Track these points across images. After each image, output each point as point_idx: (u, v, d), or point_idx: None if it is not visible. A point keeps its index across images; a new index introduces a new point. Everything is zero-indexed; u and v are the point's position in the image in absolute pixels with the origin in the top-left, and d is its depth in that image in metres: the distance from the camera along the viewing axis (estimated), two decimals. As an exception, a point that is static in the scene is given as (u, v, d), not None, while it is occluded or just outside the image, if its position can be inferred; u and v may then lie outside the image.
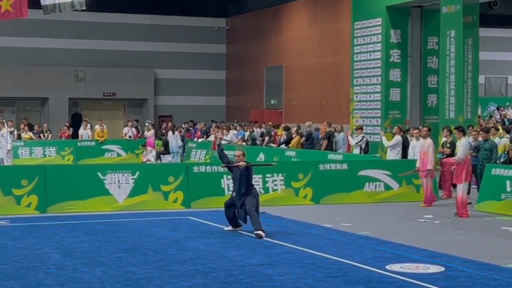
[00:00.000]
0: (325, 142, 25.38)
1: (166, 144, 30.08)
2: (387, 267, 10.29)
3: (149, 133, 30.42)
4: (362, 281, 9.46)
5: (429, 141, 18.03)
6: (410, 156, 20.32)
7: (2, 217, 15.32)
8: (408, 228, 14.36)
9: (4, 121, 26.91)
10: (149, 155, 29.36)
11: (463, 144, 16.39)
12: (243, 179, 13.43)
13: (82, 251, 11.60)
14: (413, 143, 19.98)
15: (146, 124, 31.88)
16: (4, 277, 9.67)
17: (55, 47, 40.45)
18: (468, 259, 11.01)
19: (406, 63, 28.38)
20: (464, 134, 16.95)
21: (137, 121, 36.30)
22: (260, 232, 12.90)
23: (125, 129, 33.34)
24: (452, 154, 19.56)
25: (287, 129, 28.42)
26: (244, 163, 13.56)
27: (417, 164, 18.25)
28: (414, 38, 28.59)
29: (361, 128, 24.76)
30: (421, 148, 18.15)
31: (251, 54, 41.03)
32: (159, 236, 13.19)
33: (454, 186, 20.05)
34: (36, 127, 33.52)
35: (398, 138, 21.75)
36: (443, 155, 19.60)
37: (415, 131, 20.03)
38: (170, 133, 31.20)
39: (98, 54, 41.24)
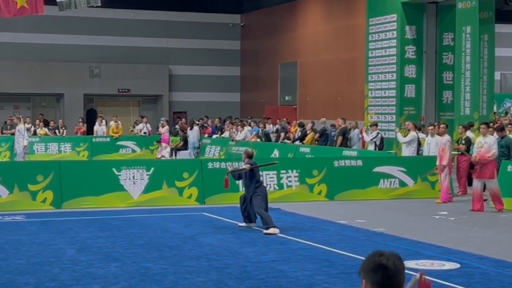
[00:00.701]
0: (340, 138, 25.33)
1: (185, 140, 30.15)
2: (402, 263, 10.23)
3: (164, 130, 30.46)
4: (377, 278, 9.41)
5: (447, 137, 17.97)
6: (425, 153, 20.23)
7: (17, 212, 15.40)
8: (423, 225, 14.31)
9: (21, 117, 27.07)
10: (164, 151, 29.41)
11: (494, 140, 16.44)
12: (248, 178, 13.60)
13: (97, 247, 11.63)
14: (428, 139, 19.89)
15: (161, 121, 31.94)
16: (19, 272, 9.71)
17: (70, 44, 40.57)
18: (483, 256, 10.96)
19: (421, 59, 28.28)
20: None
21: (141, 116, 36.26)
22: (272, 229, 12.86)
23: (140, 125, 33.41)
24: (467, 150, 19.50)
25: (301, 125, 28.39)
26: (248, 165, 13.63)
27: (437, 162, 18.04)
28: (430, 34, 28.47)
29: (376, 125, 24.70)
30: (439, 145, 18.01)
31: (265, 51, 41.00)
32: (174, 232, 13.21)
33: (470, 183, 19.99)
34: (51, 123, 33.64)
35: (413, 134, 21.66)
36: (458, 151, 19.52)
37: (431, 127, 19.94)
38: (189, 129, 31.38)
39: (113, 50, 41.33)
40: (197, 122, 33.94)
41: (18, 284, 9.05)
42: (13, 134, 29.03)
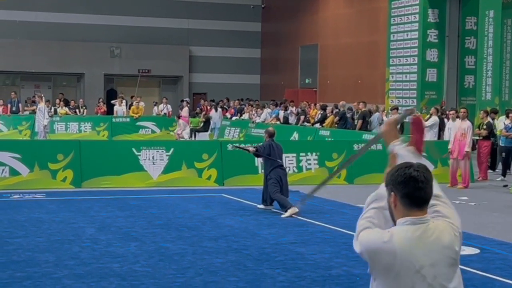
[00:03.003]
0: (360, 122, 25.24)
1: (206, 122, 30.16)
2: (421, 248, 10.20)
3: (183, 111, 30.53)
4: (396, 262, 9.39)
5: (468, 123, 17.80)
6: (446, 137, 20.11)
7: (37, 191, 15.50)
8: (443, 210, 14.21)
9: (42, 95, 27.17)
10: (184, 133, 29.43)
11: None
12: (263, 160, 13.82)
13: (116, 226, 11.68)
14: (450, 124, 19.76)
15: (184, 101, 32.00)
16: (40, 250, 9.78)
17: (91, 23, 40.63)
18: (503, 242, 10.91)
19: (444, 43, 28.06)
20: None
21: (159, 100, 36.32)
22: (290, 211, 12.82)
23: (161, 106, 33.47)
24: (488, 136, 19.37)
25: (324, 108, 28.29)
26: (253, 149, 13.81)
27: (450, 146, 17.88)
28: (452, 18, 28.22)
29: (397, 109, 24.57)
30: (458, 129, 17.84)
31: (286, 33, 40.84)
32: (193, 212, 13.24)
33: (491, 167, 19.89)
34: (72, 103, 33.78)
35: (435, 118, 21.54)
36: (479, 136, 19.39)
37: (452, 112, 19.80)
38: (213, 110, 31.41)
39: (133, 30, 41.35)
40: (216, 104, 33.98)
41: (38, 262, 9.12)
42: (33, 111, 29.19)
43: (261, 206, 13.73)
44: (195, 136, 30.18)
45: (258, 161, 17.38)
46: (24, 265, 8.93)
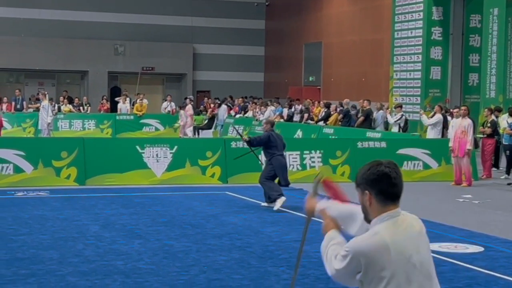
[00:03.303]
0: (362, 118, 25.26)
1: (211, 120, 30.16)
2: (425, 246, 10.20)
3: (187, 108, 30.53)
4: (400, 260, 9.40)
5: (468, 120, 17.75)
6: (449, 135, 20.06)
7: (41, 188, 15.51)
8: (447, 208, 14.24)
9: (46, 93, 27.19)
10: (187, 130, 29.44)
11: None
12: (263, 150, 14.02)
13: (120, 224, 11.69)
14: (453, 122, 19.72)
15: (187, 99, 32.01)
16: (44, 247, 9.79)
17: (95, 21, 40.68)
18: (507, 240, 10.89)
19: (448, 41, 28.03)
20: None
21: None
22: (278, 202, 13.05)
23: (164, 104, 33.47)
24: (492, 134, 19.35)
25: (328, 106, 28.29)
26: (247, 138, 14.33)
27: (451, 144, 17.84)
28: (457, 15, 28.19)
29: (401, 107, 24.55)
30: (458, 127, 17.78)
31: (290, 30, 40.84)
32: (197, 210, 13.25)
33: (495, 166, 19.87)
34: (75, 100, 33.80)
35: (439, 116, 21.48)
36: (483, 134, 19.36)
37: (455, 110, 19.76)
38: (220, 107, 31.58)
39: (137, 28, 41.38)
40: (220, 102, 34.00)
41: (42, 259, 9.13)
42: (37, 109, 29.20)
43: (265, 204, 13.74)
44: (198, 134, 30.19)
45: (262, 159, 17.38)
46: (28, 262, 8.94)
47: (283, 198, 13.03)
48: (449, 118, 21.54)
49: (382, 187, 3.54)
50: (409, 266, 3.54)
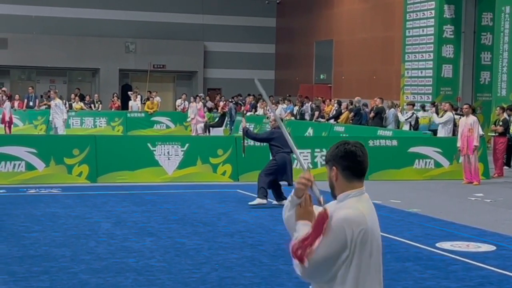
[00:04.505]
0: (372, 114, 25.29)
1: (223, 116, 30.14)
2: (437, 244, 10.20)
3: (198, 106, 30.57)
4: (411, 258, 9.39)
5: (473, 117, 17.72)
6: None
7: (53, 185, 15.57)
8: (459, 206, 14.20)
9: (57, 91, 27.29)
10: (198, 126, 29.47)
11: None
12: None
13: (132, 221, 11.72)
14: (461, 121, 19.65)
15: (198, 97, 32.03)
16: (56, 245, 9.82)
17: (106, 18, 40.74)
18: (520, 239, 10.86)
19: (460, 39, 27.96)
20: None
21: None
22: (256, 200, 13.15)
23: (178, 101, 33.51)
24: (504, 132, 19.28)
25: (340, 103, 28.27)
26: (246, 126, 14.54)
27: (459, 144, 17.77)
28: (468, 13, 28.11)
29: (413, 105, 24.49)
30: (465, 126, 17.71)
31: (301, 28, 40.79)
32: (208, 208, 13.26)
33: (507, 164, 19.80)
34: (87, 98, 33.88)
35: (449, 115, 21.44)
36: (495, 133, 19.30)
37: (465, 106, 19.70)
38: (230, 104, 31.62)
39: (148, 26, 41.43)
40: (230, 100, 33.99)
41: (54, 256, 9.16)
42: (48, 106, 29.28)
43: (275, 202, 13.73)
44: (209, 131, 30.22)
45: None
46: (41, 260, 8.97)
47: (263, 202, 13.12)
48: (456, 116, 21.40)
49: (349, 163, 3.80)
50: (379, 242, 3.81)
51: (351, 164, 3.80)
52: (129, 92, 34.33)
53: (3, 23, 38.89)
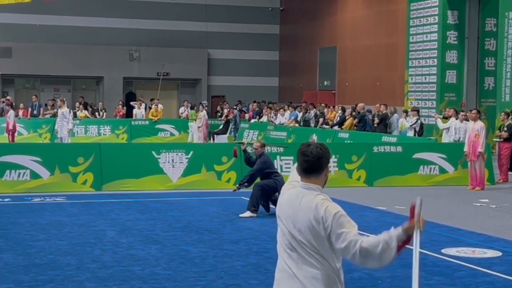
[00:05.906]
0: (377, 120, 25.31)
1: (227, 124, 30.14)
2: (443, 251, 10.18)
3: (201, 114, 30.56)
4: (417, 265, 9.36)
5: (480, 123, 17.71)
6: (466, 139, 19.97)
7: (58, 194, 15.58)
8: (464, 212, 14.18)
9: (64, 99, 27.28)
10: (200, 134, 29.43)
11: None
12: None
13: (137, 229, 11.72)
14: (469, 126, 19.62)
15: (201, 105, 32.05)
16: (61, 253, 9.83)
17: (110, 27, 40.83)
18: (525, 245, 10.83)
19: (463, 45, 27.95)
20: None
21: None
22: (246, 213, 13.12)
23: (181, 109, 33.53)
24: (509, 138, 19.25)
25: (344, 110, 28.27)
26: (245, 145, 14.46)
27: (465, 148, 17.76)
28: (472, 19, 28.10)
29: (417, 111, 24.48)
30: (471, 131, 17.71)
31: (304, 35, 40.82)
32: (213, 215, 13.26)
33: (511, 170, 19.75)
34: (89, 107, 33.90)
35: (453, 120, 21.41)
36: (500, 138, 19.28)
37: (474, 111, 19.65)
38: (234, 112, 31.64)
39: (152, 34, 41.49)
40: (234, 107, 34.00)
41: (60, 265, 9.17)
42: (54, 115, 29.29)
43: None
44: (213, 139, 30.23)
45: (277, 164, 17.39)
46: (46, 268, 8.98)
47: (253, 215, 13.09)
48: (457, 122, 21.17)
49: (299, 162, 4.54)
50: (281, 225, 4.92)
51: (301, 164, 4.53)
52: (132, 102, 34.36)
53: (7, 32, 39.01)
